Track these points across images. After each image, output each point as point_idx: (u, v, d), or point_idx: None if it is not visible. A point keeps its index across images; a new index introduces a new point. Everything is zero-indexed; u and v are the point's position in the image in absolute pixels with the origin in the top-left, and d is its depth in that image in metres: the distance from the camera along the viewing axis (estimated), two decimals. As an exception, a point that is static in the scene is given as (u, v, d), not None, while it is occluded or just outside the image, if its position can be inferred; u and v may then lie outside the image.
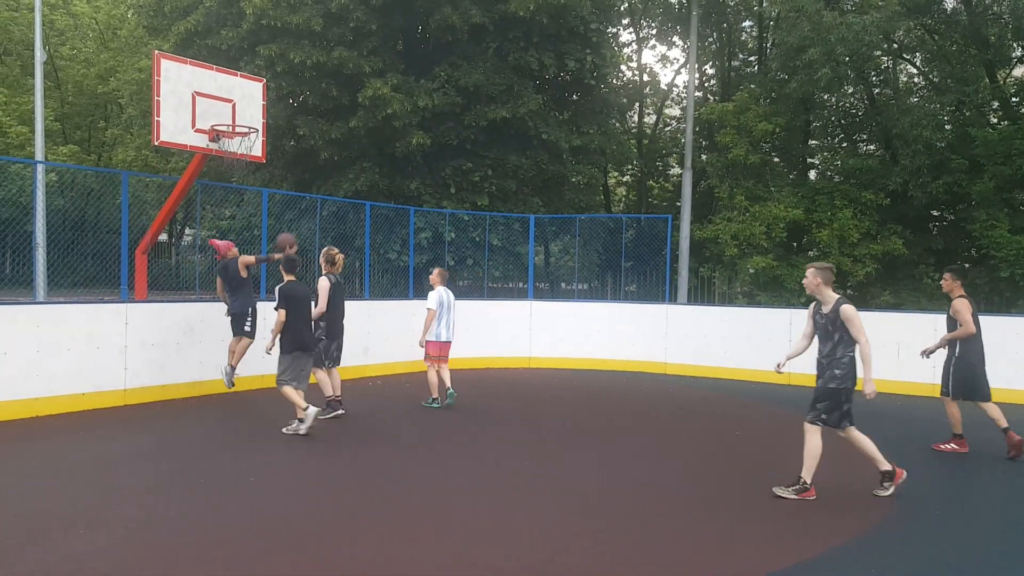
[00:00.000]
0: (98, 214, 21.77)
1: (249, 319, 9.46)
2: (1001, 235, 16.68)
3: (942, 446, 8.08)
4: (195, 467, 6.65)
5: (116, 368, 9.31)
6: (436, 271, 10.00)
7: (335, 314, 9.06)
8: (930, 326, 11.07)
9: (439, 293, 9.83)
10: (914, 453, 7.85)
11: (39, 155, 16.23)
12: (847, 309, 5.92)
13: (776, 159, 21.51)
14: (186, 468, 6.62)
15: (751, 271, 18.51)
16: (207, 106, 9.95)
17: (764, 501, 6.07)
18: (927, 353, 8.15)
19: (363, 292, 14.30)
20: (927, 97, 20.15)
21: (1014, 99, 19.81)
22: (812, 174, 22.86)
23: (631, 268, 18.77)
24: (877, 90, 21.32)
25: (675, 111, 27.41)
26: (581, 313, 14.56)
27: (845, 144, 22.50)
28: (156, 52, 9.62)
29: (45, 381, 8.70)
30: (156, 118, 9.48)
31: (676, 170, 26.18)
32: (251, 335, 9.50)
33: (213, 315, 10.26)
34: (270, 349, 8.18)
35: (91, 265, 16.82)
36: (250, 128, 10.19)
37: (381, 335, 12.53)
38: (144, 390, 9.57)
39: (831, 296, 6.11)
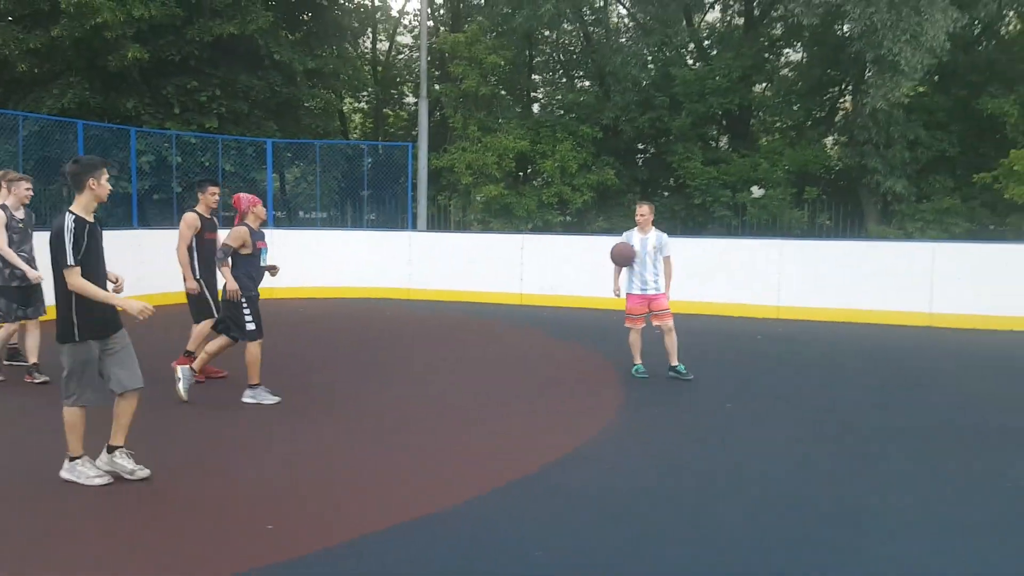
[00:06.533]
0: None
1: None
2: (695, 166, 19.10)
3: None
4: None
5: None
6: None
7: None
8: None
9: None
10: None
11: None
12: None
13: (504, 92, 22.53)
14: None
15: (482, 199, 19.44)
16: None
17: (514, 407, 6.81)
18: None
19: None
20: (635, 38, 22.16)
21: (706, 42, 22.50)
22: (536, 108, 24.25)
23: (371, 196, 18.84)
24: (592, 29, 23.00)
25: (407, 39, 27.39)
26: (325, 241, 14.50)
27: (565, 80, 24.11)
28: None
29: None
30: None
31: (411, 99, 26.32)
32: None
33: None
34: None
35: None
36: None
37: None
38: None
39: None
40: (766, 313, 12.38)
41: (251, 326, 6.77)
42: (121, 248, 11.12)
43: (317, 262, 14.19)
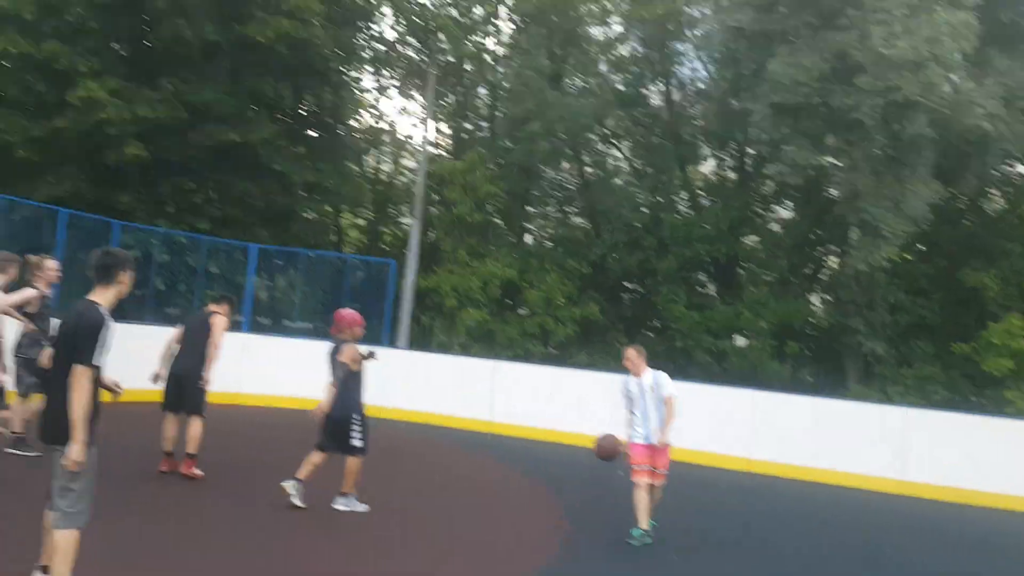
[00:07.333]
0: None
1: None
2: (679, 310, 19.14)
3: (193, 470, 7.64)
4: None
5: None
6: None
7: None
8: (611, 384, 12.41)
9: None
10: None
11: None
12: None
13: (498, 220, 22.91)
14: None
15: (469, 323, 19.39)
16: None
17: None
18: None
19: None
20: (629, 181, 22.76)
21: (699, 192, 23.12)
22: (528, 238, 24.61)
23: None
24: (589, 169, 23.69)
25: (411, 163, 28.16)
26: (302, 350, 14.25)
27: (558, 214, 24.61)
28: None
29: None
30: None
31: (407, 219, 26.81)
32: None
33: None
34: None
35: None
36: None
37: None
38: None
39: None
40: (736, 464, 12.02)
41: (358, 443, 7.03)
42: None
43: (289, 371, 13.91)
